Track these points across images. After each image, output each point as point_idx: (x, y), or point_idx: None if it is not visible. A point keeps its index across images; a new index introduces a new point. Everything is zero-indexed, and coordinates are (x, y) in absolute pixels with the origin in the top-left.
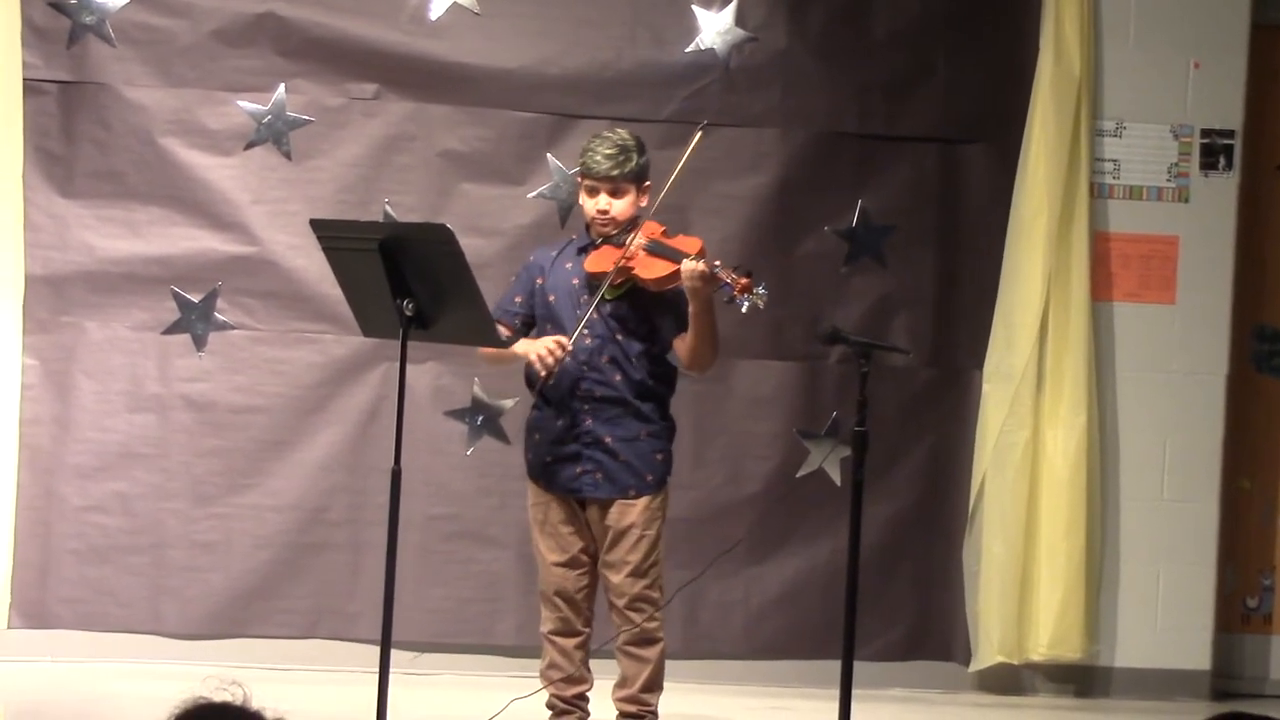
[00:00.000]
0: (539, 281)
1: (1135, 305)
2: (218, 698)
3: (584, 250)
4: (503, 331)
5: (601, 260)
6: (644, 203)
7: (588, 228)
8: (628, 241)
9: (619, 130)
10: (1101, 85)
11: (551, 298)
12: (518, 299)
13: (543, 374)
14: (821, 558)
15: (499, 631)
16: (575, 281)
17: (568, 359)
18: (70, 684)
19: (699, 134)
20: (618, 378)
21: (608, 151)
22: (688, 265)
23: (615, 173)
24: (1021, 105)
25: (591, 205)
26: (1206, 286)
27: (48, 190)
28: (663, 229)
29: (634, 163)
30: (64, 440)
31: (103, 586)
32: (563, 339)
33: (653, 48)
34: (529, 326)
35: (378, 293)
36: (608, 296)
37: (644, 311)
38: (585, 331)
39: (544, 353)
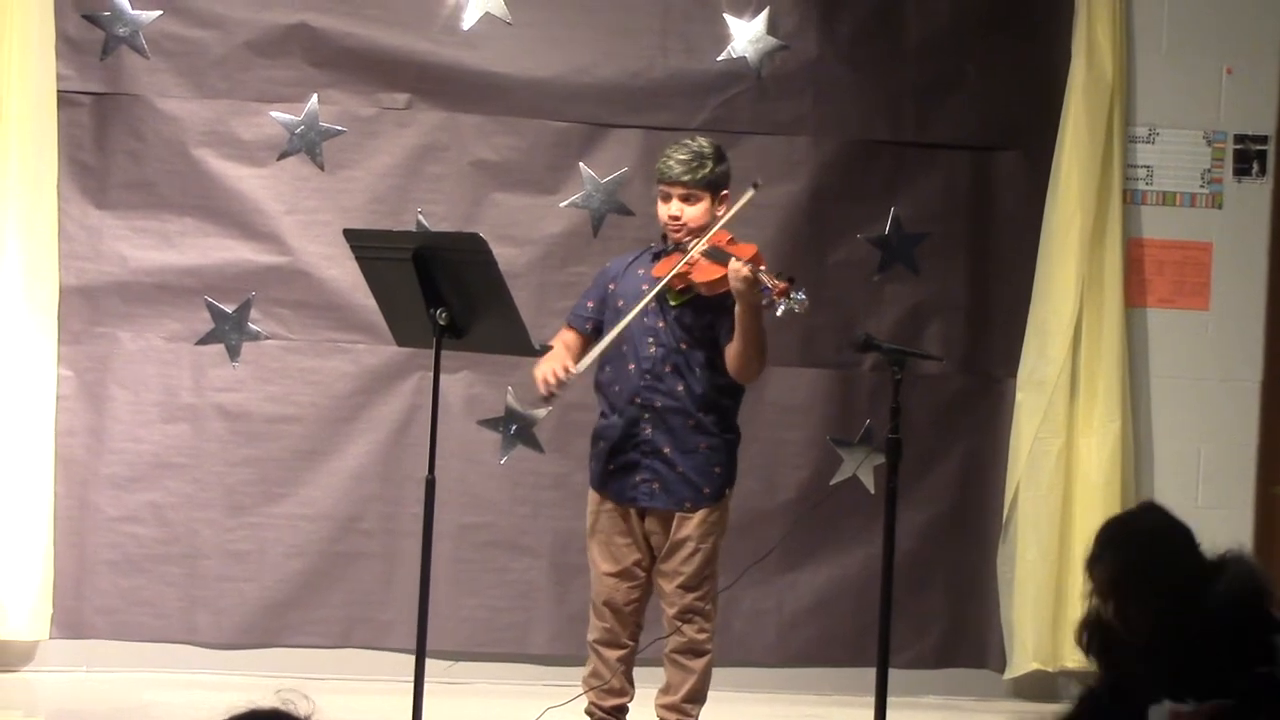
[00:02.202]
0: (611, 287)
1: (1169, 311)
2: (284, 708)
3: (658, 257)
4: (572, 336)
5: (668, 266)
6: (720, 211)
7: (664, 235)
8: (690, 247)
9: (699, 138)
10: (1134, 91)
11: (620, 303)
12: (590, 304)
13: (542, 394)
14: (855, 565)
15: (533, 640)
16: (645, 288)
17: (641, 365)
18: (105, 694)
19: (750, 192)
20: (680, 388)
21: (681, 158)
22: (733, 266)
23: (687, 178)
24: (1054, 111)
25: (664, 211)
26: (1240, 292)
27: (82, 201)
28: (729, 237)
29: (708, 170)
30: (98, 451)
31: (137, 597)
32: (568, 363)
33: (684, 56)
34: (599, 331)
35: (411, 302)
36: (672, 303)
37: (709, 319)
38: (649, 340)
39: (547, 374)
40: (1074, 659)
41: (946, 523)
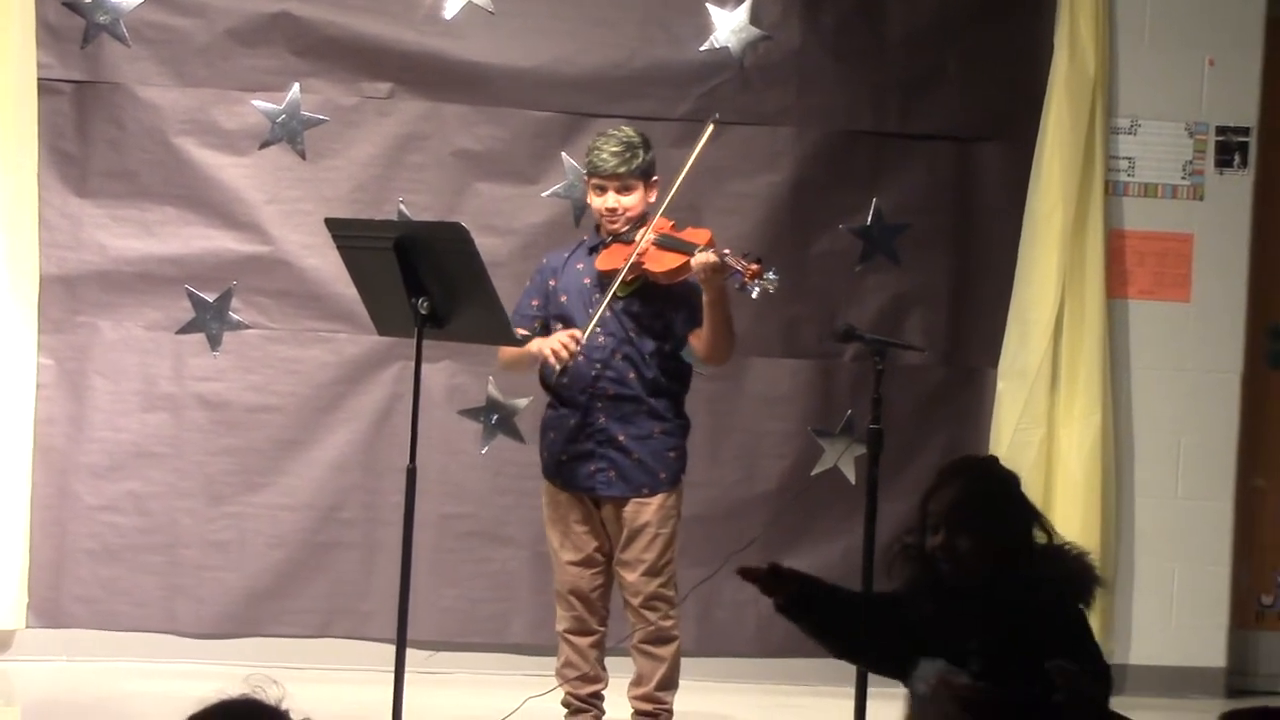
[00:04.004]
0: (552, 283)
1: (1150, 303)
2: (254, 695)
3: (594, 250)
4: (519, 334)
5: (613, 258)
6: (652, 198)
7: (597, 227)
8: (638, 237)
9: (624, 128)
10: (1116, 83)
11: (564, 298)
12: (534, 302)
13: (557, 368)
14: (836, 556)
15: (513, 630)
16: (586, 281)
17: (580, 356)
18: (85, 683)
19: (710, 129)
20: (631, 375)
21: (614, 149)
22: (699, 257)
23: (622, 169)
24: (1036, 103)
25: (600, 203)
26: (1221, 284)
27: (62, 190)
28: (672, 224)
29: (640, 159)
30: (78, 440)
31: (117, 586)
32: (575, 333)
33: (667, 46)
34: (547, 330)
35: (392, 291)
36: (620, 294)
37: (657, 308)
38: (598, 330)
39: (557, 347)
40: None
41: None
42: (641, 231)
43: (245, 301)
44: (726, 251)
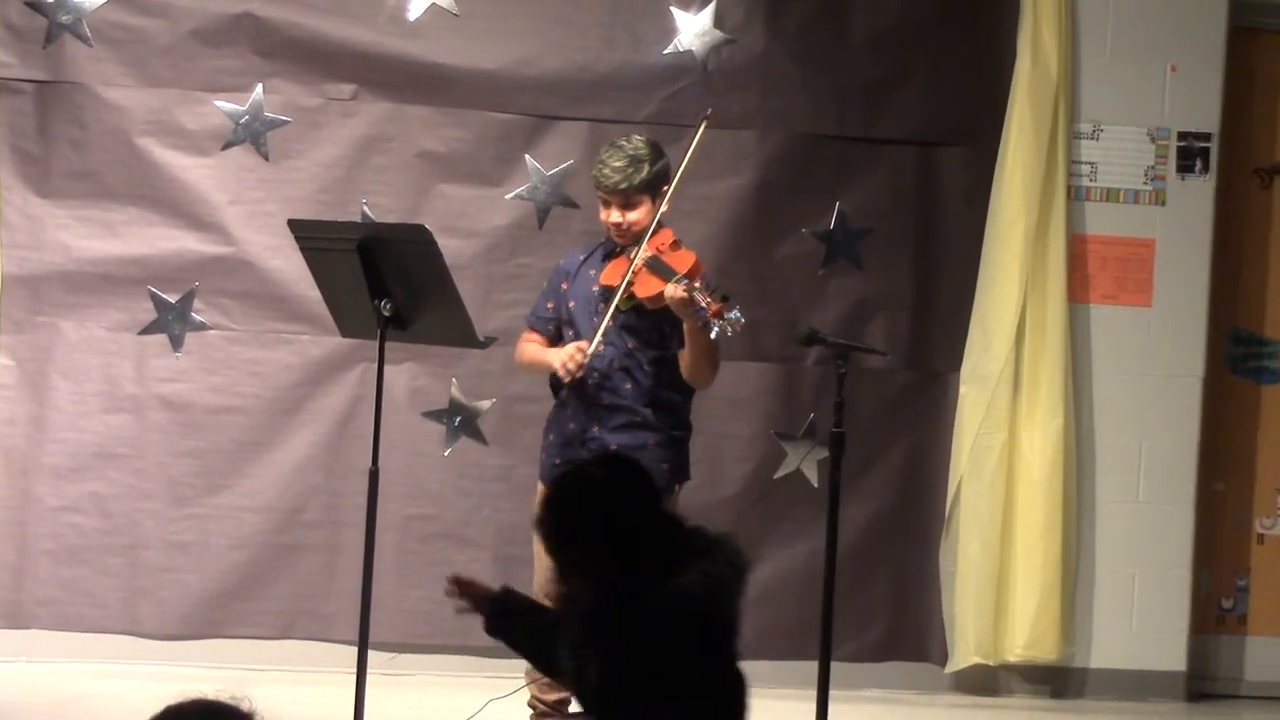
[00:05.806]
0: (564, 286)
1: (1112, 308)
2: (231, 702)
3: (608, 257)
4: (537, 337)
5: (614, 274)
6: (664, 207)
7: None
8: (633, 256)
9: (635, 138)
10: (1079, 88)
11: (572, 303)
12: (549, 305)
13: (566, 380)
14: (799, 559)
15: (476, 632)
16: (595, 289)
17: (591, 362)
18: (46, 685)
19: (703, 126)
20: (628, 386)
21: (617, 164)
22: (669, 289)
23: (624, 185)
24: (999, 108)
25: (605, 216)
26: (1183, 289)
27: (24, 190)
28: (671, 240)
29: (645, 173)
30: (39, 441)
31: (78, 587)
32: (582, 344)
33: (631, 49)
34: (560, 333)
35: (355, 293)
36: (621, 308)
37: (657, 321)
38: (600, 341)
39: (565, 359)
40: (1015, 653)
41: (889, 517)
42: (637, 249)
43: (208, 302)
44: (697, 285)
